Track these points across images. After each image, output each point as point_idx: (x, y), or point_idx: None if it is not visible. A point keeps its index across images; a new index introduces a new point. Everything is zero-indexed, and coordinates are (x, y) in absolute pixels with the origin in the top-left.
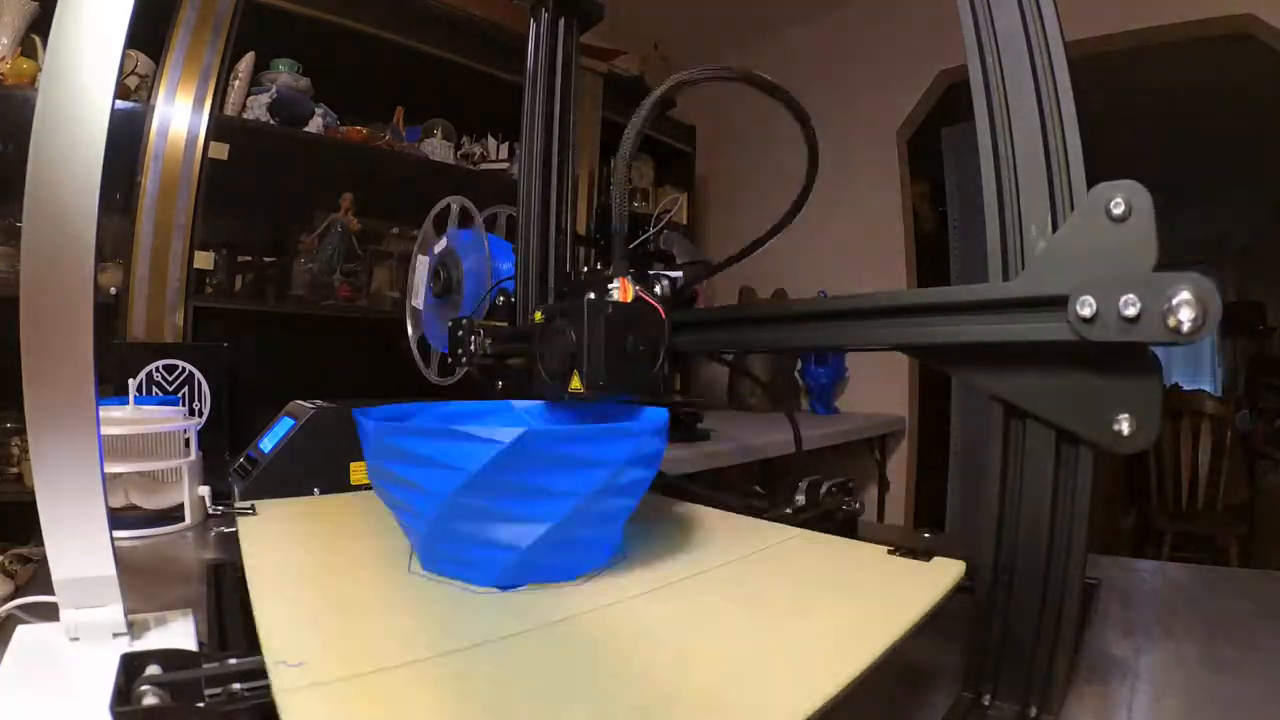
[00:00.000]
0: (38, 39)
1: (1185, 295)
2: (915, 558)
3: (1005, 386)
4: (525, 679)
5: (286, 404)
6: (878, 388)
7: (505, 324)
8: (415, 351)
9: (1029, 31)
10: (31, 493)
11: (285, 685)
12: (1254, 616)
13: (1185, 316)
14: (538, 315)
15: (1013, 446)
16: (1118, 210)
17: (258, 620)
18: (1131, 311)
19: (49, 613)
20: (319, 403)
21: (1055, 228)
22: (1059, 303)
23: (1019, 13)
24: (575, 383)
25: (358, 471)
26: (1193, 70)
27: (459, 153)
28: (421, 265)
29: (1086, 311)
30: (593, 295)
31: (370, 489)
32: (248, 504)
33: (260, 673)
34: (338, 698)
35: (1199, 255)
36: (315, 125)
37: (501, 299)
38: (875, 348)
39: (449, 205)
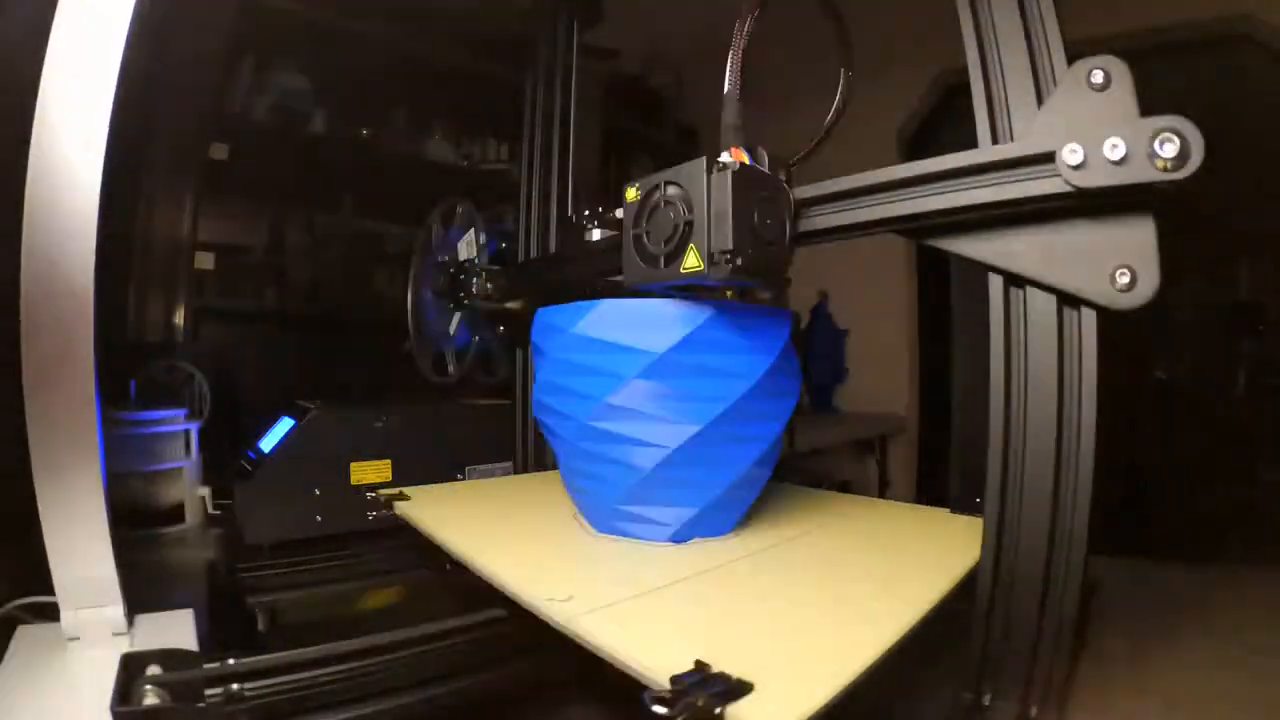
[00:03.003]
0: None
1: (1167, 132)
2: (971, 514)
3: (1002, 254)
4: (721, 598)
5: (286, 404)
6: (878, 387)
7: (505, 267)
8: (417, 350)
9: (1029, 29)
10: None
11: (570, 612)
12: (1255, 616)
13: (1169, 152)
14: (631, 192)
15: (1014, 325)
16: (1098, 79)
17: (499, 575)
18: (1117, 154)
19: (49, 613)
20: (319, 403)
21: (1040, 103)
22: (1048, 159)
23: (1019, 13)
24: (691, 259)
25: (358, 471)
26: (1191, 70)
27: (459, 153)
28: (422, 265)
29: (1074, 159)
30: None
31: (475, 479)
32: (395, 490)
33: (260, 672)
34: (612, 616)
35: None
36: (315, 125)
37: (504, 244)
38: (869, 229)
39: (449, 205)
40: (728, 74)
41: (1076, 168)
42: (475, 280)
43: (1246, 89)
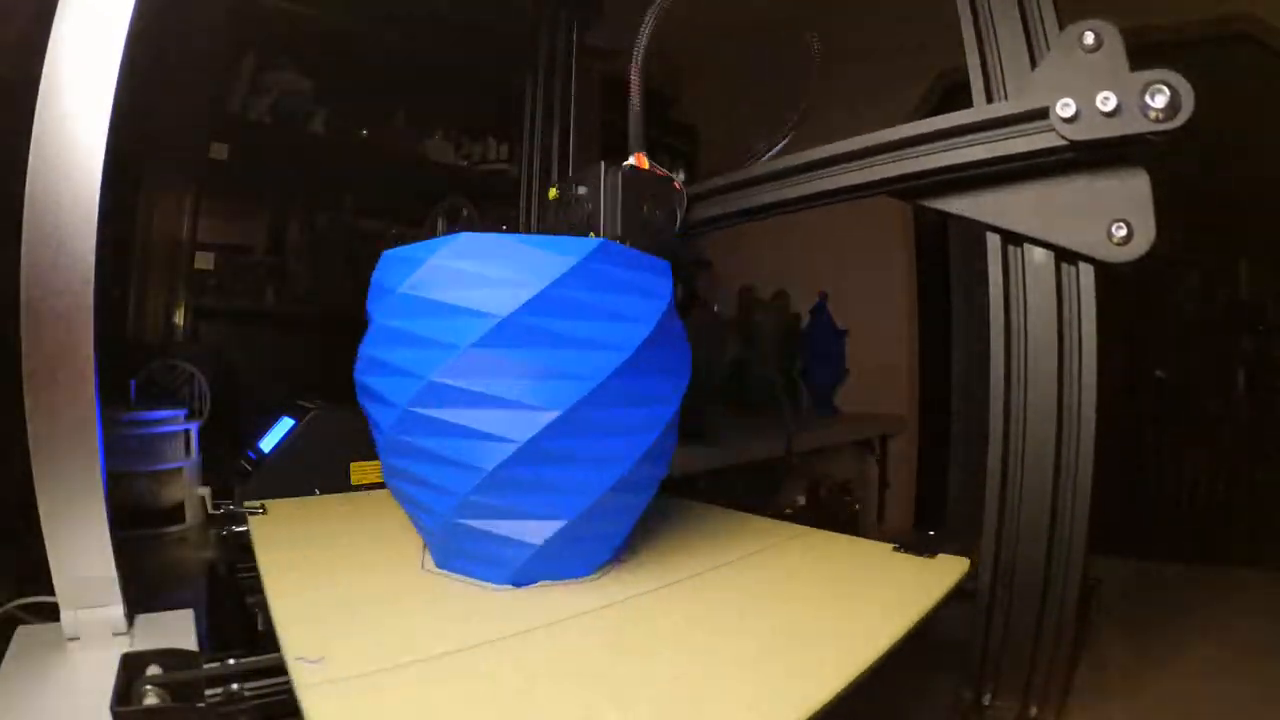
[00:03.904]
0: None
1: (1157, 84)
2: (921, 554)
3: (999, 212)
4: (516, 680)
5: (286, 404)
6: (878, 388)
7: None
8: None
9: (1029, 29)
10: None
11: (306, 681)
12: (1254, 617)
13: (1160, 102)
14: (552, 191)
15: (1013, 283)
16: (1089, 40)
17: (275, 617)
18: (1109, 105)
19: (49, 613)
20: (319, 402)
21: (1034, 67)
22: (1042, 115)
23: (1019, 13)
24: None
25: (358, 472)
26: (1190, 72)
27: (459, 153)
28: None
29: (1067, 112)
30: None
31: (375, 490)
32: (257, 503)
33: (260, 672)
34: (358, 694)
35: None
36: (315, 125)
37: (505, 228)
38: (870, 190)
39: (449, 205)
40: (632, 90)
41: (1069, 120)
42: None
43: (1247, 89)
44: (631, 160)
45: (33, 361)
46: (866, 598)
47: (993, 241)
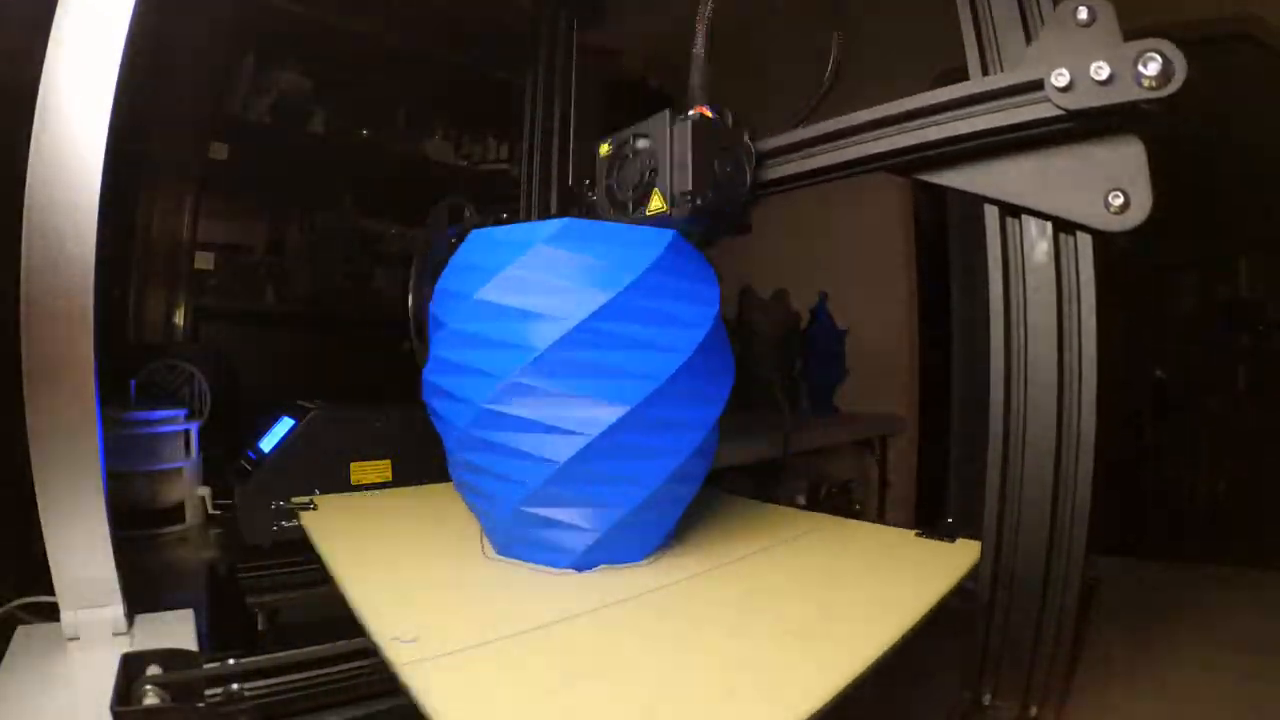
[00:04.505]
0: None
1: (1150, 53)
2: (941, 538)
3: (997, 184)
4: (600, 648)
5: (286, 404)
6: (878, 388)
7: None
8: (416, 350)
9: (1024, 5)
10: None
11: (404, 659)
12: (1254, 617)
13: (1152, 70)
14: (604, 148)
15: (1011, 255)
16: (1083, 16)
17: (356, 603)
18: (1103, 75)
19: (49, 613)
20: (319, 402)
21: (1029, 43)
22: (1037, 86)
23: (1018, 12)
24: (656, 202)
25: (358, 471)
26: (1190, 72)
27: (459, 153)
28: (423, 265)
29: (1061, 82)
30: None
31: (413, 486)
32: (306, 499)
33: (260, 673)
34: (453, 668)
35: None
36: (315, 125)
37: (505, 215)
38: (868, 164)
39: (449, 205)
40: (697, 37)
41: (1064, 89)
42: None
43: (1247, 89)
44: (694, 112)
45: (33, 361)
46: (896, 577)
47: (991, 214)
